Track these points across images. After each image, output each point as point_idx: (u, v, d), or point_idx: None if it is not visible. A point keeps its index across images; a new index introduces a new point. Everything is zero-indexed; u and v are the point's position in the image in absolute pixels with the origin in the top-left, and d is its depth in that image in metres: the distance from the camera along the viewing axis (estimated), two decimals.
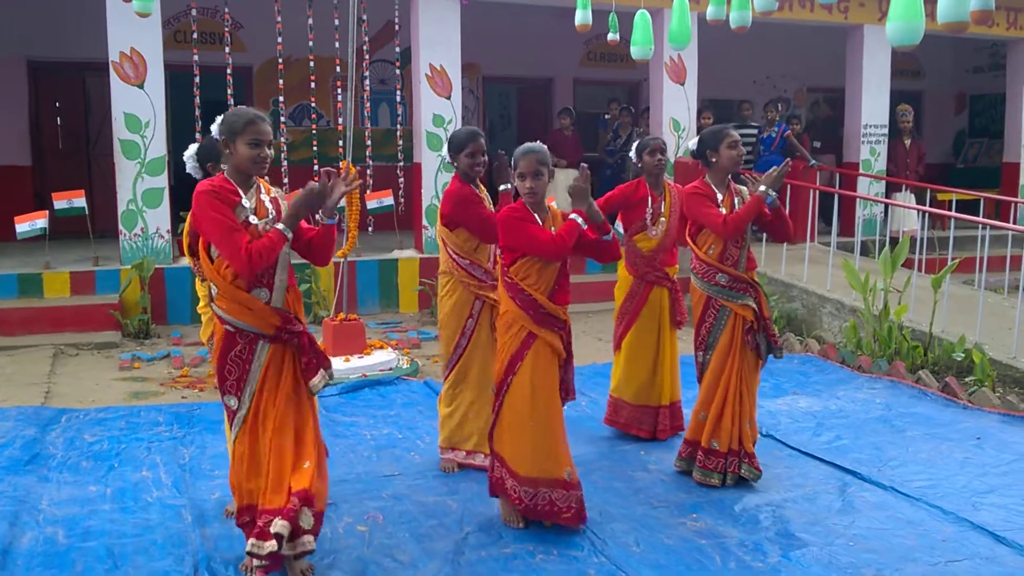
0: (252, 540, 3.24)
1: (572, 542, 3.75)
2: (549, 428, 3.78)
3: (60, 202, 7.88)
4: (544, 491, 3.77)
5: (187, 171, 4.01)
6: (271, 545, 3.19)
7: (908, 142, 11.02)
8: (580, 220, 3.71)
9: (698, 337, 4.52)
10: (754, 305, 4.39)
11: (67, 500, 4.17)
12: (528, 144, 3.86)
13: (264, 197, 3.36)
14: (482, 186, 4.55)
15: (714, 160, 4.44)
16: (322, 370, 3.38)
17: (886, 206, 10.61)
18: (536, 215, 3.75)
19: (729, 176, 4.50)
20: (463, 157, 4.42)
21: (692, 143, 4.60)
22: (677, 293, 5.12)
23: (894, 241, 9.02)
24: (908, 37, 3.54)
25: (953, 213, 8.21)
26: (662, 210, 5.06)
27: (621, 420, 5.15)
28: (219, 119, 3.33)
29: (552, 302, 3.75)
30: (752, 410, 4.48)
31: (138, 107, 8.08)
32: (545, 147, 3.82)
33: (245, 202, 3.27)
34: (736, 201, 4.49)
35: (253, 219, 3.26)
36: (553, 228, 3.75)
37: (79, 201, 7.86)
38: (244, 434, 3.35)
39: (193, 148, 4.05)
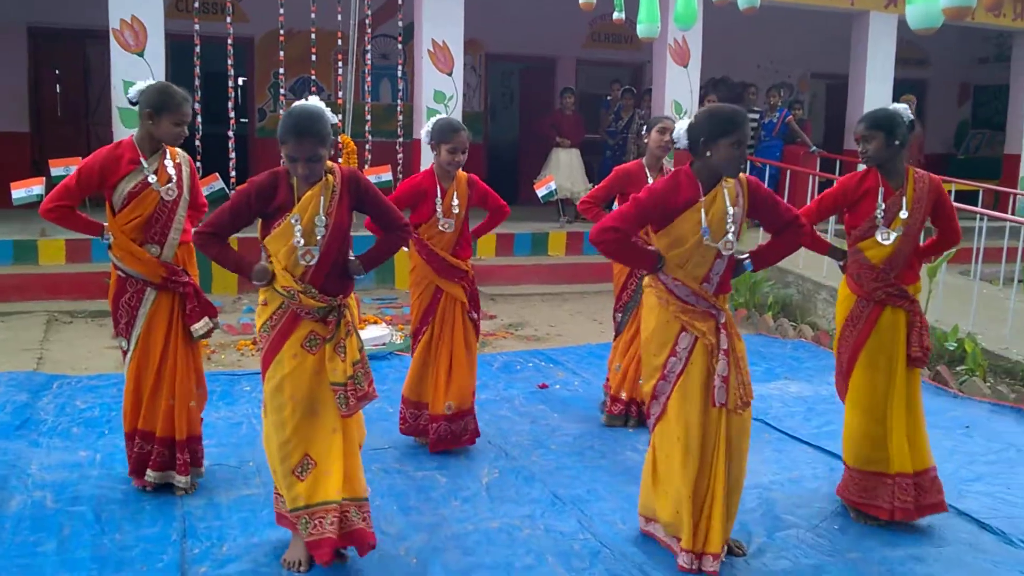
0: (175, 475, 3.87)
1: (560, 518, 3.77)
2: (434, 362, 4.47)
3: (57, 169, 7.76)
4: (420, 412, 4.54)
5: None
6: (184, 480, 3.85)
7: None
8: None
9: (618, 301, 5.01)
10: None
11: (57, 465, 4.18)
12: (452, 121, 4.40)
13: (168, 163, 3.77)
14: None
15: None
16: (206, 318, 3.84)
17: None
18: (442, 183, 4.39)
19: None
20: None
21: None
22: (917, 317, 3.81)
23: None
24: (928, 20, 3.51)
25: (952, 203, 8.18)
26: (902, 205, 3.77)
27: (853, 495, 3.86)
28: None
29: (454, 256, 4.39)
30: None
31: (138, 75, 7.99)
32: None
33: (145, 166, 3.71)
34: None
35: (152, 179, 3.71)
36: (456, 194, 4.38)
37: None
38: (131, 371, 3.83)
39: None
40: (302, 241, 3.12)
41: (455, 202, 4.39)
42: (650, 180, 4.70)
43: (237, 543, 3.46)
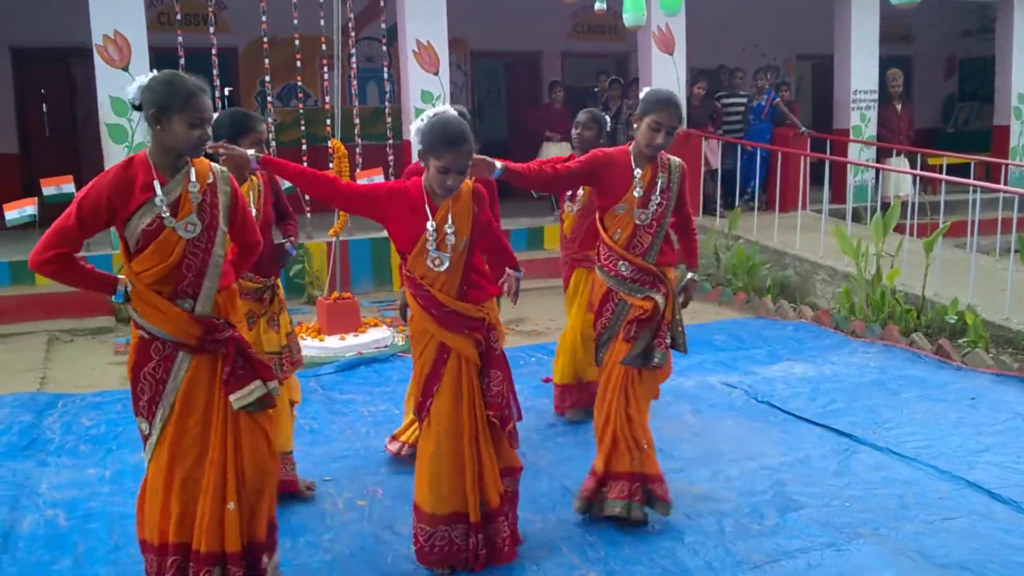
0: None
1: (571, 510, 3.77)
2: (450, 448, 3.21)
3: (49, 188, 7.83)
4: (436, 528, 3.21)
5: None
6: None
7: (899, 107, 11.00)
8: None
9: (597, 336, 3.74)
10: (660, 301, 3.58)
11: (66, 483, 4.18)
12: (450, 126, 3.03)
13: (193, 187, 2.80)
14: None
15: None
16: (257, 381, 2.88)
17: (877, 172, 10.61)
18: (433, 200, 3.12)
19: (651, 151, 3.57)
20: None
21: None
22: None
23: (885, 206, 9.02)
24: None
25: (944, 176, 8.22)
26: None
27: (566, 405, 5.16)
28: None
29: (463, 300, 3.16)
30: (641, 425, 3.64)
31: (124, 90, 8.00)
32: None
33: (159, 197, 2.74)
34: (661, 177, 3.60)
35: (166, 215, 2.75)
36: (452, 215, 3.10)
37: (68, 187, 7.81)
38: (160, 465, 2.87)
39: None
40: None
41: (449, 228, 3.10)
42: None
43: None
